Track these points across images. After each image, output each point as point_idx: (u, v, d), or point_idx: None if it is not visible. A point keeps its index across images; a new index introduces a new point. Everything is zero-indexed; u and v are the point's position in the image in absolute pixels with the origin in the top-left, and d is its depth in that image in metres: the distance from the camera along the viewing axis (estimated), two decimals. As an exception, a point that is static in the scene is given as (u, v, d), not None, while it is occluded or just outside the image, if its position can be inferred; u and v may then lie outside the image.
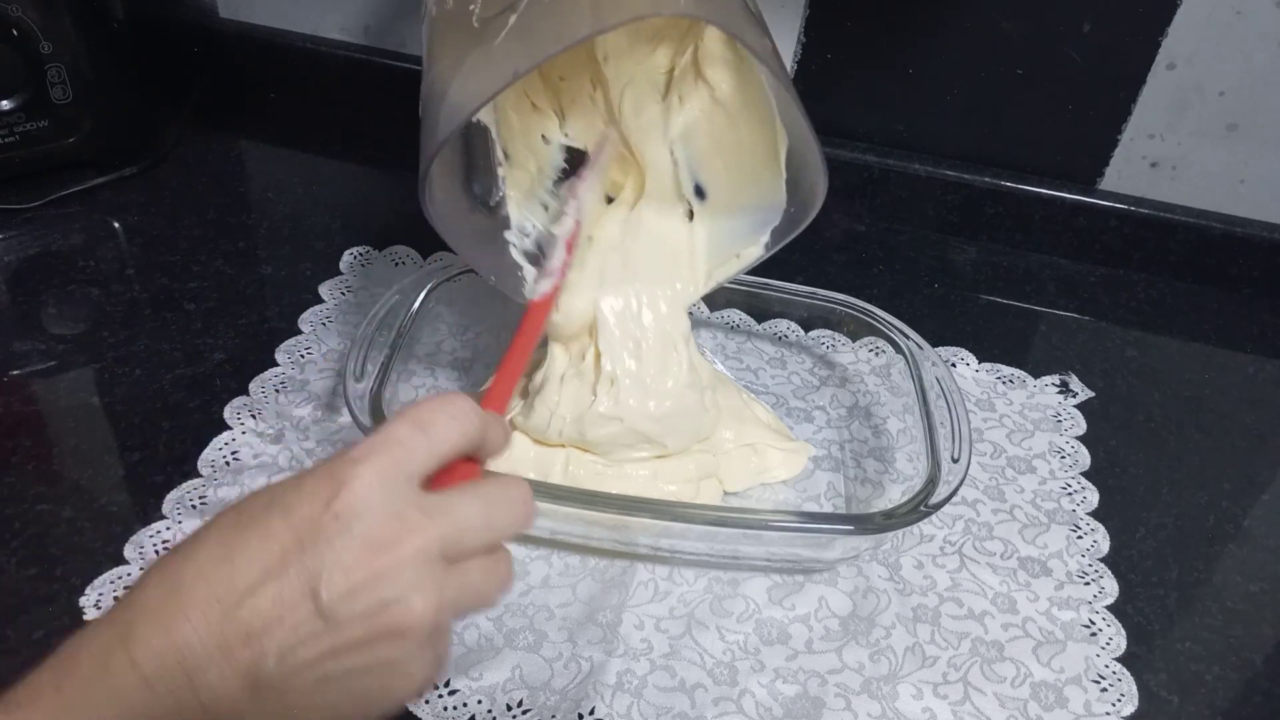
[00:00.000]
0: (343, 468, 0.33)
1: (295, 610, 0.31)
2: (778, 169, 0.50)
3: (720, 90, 0.49)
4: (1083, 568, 0.52)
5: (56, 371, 0.59)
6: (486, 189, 0.51)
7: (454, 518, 0.34)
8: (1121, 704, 0.46)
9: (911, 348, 0.55)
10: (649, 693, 0.45)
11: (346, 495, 0.32)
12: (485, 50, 0.41)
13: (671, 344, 0.51)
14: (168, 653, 0.30)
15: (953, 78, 0.72)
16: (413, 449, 0.34)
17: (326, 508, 0.32)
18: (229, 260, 0.69)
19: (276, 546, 0.32)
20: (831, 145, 0.76)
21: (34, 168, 0.73)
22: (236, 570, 0.31)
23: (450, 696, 0.44)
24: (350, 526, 0.32)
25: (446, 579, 0.33)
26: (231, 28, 0.86)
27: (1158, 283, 0.75)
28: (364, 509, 0.32)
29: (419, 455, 0.34)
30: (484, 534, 0.35)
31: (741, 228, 0.52)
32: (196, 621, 0.31)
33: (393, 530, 0.32)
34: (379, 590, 0.32)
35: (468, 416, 0.36)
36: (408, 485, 0.33)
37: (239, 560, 0.31)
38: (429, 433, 0.34)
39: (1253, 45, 0.66)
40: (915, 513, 0.46)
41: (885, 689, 0.45)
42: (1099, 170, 0.74)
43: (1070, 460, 0.58)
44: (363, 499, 0.32)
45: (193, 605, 0.31)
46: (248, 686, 0.31)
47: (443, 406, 0.35)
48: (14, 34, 0.67)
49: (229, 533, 0.32)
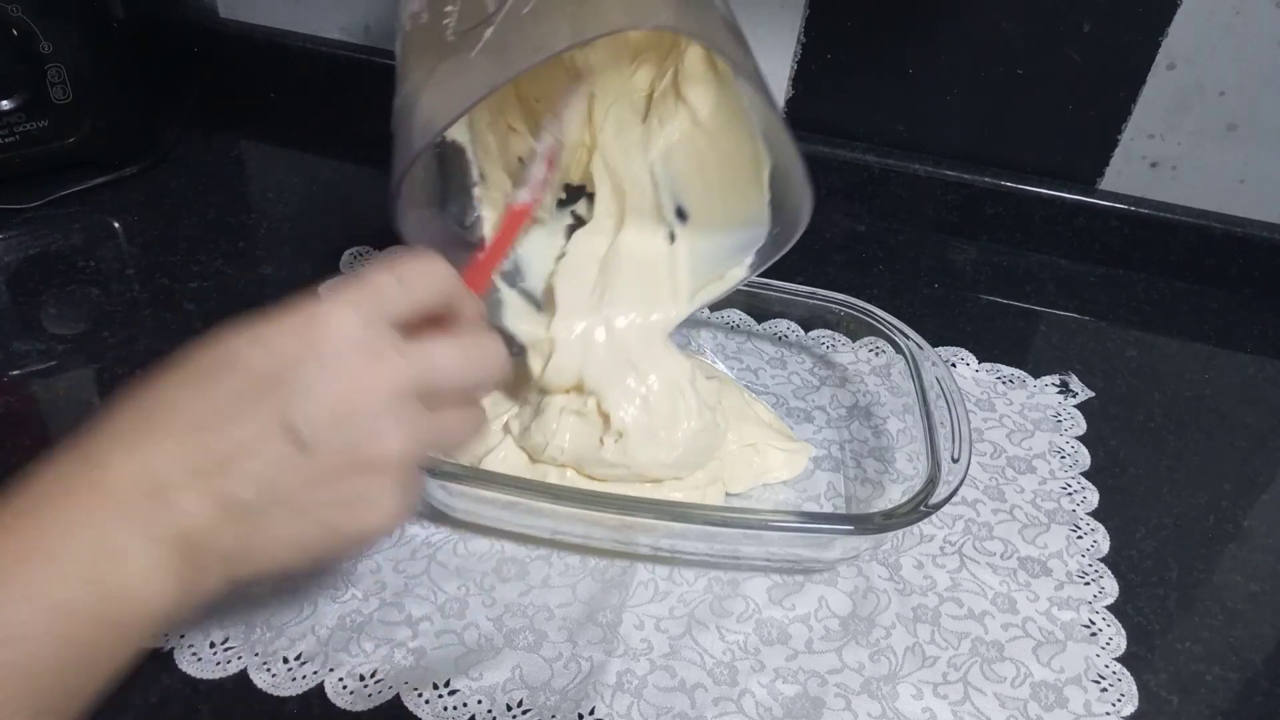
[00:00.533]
0: (315, 306, 0.33)
1: (273, 440, 0.31)
2: (760, 189, 0.50)
3: (701, 111, 0.49)
4: (1083, 568, 0.52)
5: (56, 371, 0.59)
6: (462, 209, 0.51)
7: (429, 361, 0.34)
8: (1121, 704, 0.46)
9: (911, 348, 0.55)
10: (649, 693, 0.45)
11: (325, 332, 0.33)
12: (460, 64, 0.41)
13: (678, 390, 0.51)
14: (139, 474, 0.30)
15: (953, 78, 0.72)
16: (391, 295, 0.34)
17: (306, 345, 0.33)
18: (229, 260, 0.69)
19: (255, 379, 0.32)
20: (831, 145, 0.76)
21: (34, 168, 0.73)
22: (213, 400, 0.32)
23: (450, 696, 0.44)
24: (330, 363, 0.32)
25: (420, 420, 0.34)
26: (231, 28, 0.85)
27: (1158, 283, 0.75)
28: (343, 346, 0.33)
29: (397, 301, 0.35)
30: (458, 379, 0.36)
31: (725, 248, 0.52)
32: (170, 447, 0.31)
33: (371, 368, 0.33)
34: (356, 424, 0.32)
35: (443, 273, 0.37)
36: (385, 327, 0.34)
37: (216, 391, 0.32)
38: (406, 282, 0.35)
39: (1253, 45, 0.66)
40: (915, 513, 0.46)
41: (885, 689, 0.46)
42: (1099, 170, 0.74)
43: (1070, 460, 0.58)
44: (342, 336, 0.33)
45: (166, 432, 0.31)
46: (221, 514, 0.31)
47: (420, 261, 0.36)
48: (14, 34, 0.67)
49: (204, 365, 0.33)
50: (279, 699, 0.43)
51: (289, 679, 0.44)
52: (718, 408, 0.53)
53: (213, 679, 0.44)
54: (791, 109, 0.77)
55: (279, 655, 0.45)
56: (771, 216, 0.51)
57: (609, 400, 0.50)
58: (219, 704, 0.43)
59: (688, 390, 0.51)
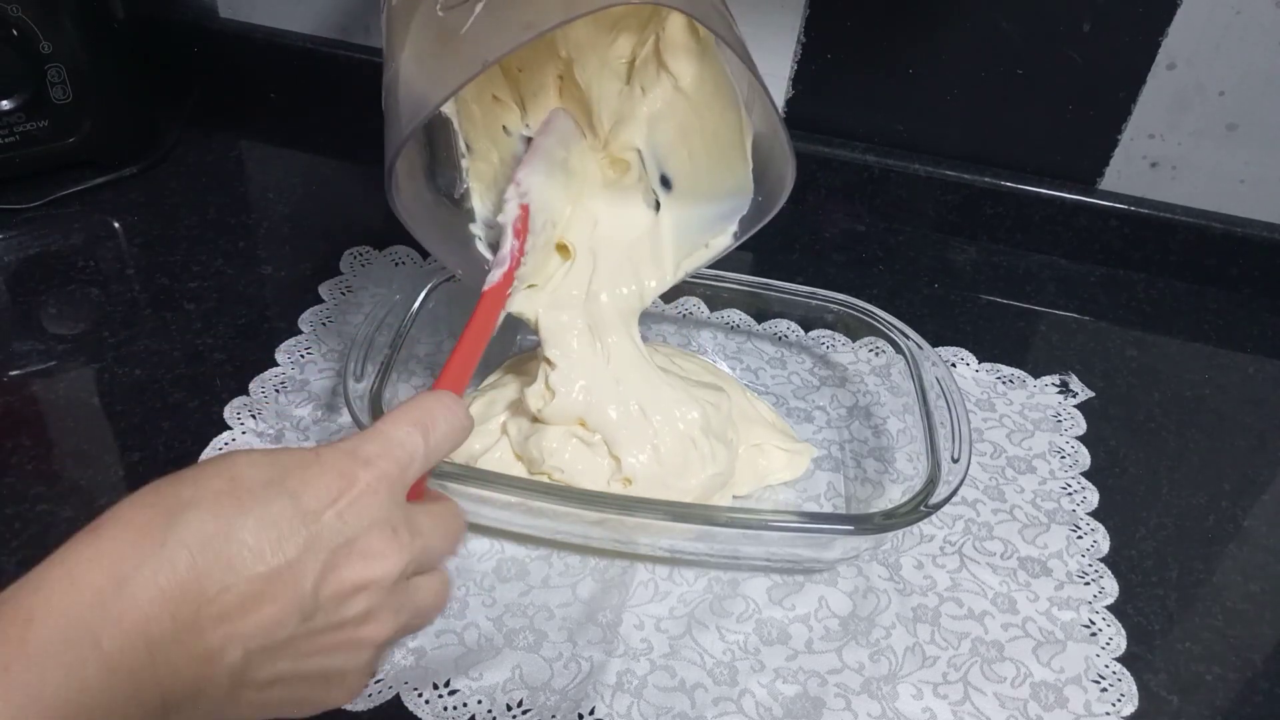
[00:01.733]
0: (353, 468, 0.33)
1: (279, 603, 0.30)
2: (744, 157, 0.50)
3: (683, 80, 0.49)
4: (1083, 568, 0.52)
5: (56, 371, 0.59)
6: (450, 182, 0.51)
7: (424, 539, 0.34)
8: (1121, 704, 0.46)
9: (911, 348, 0.55)
10: (649, 693, 0.45)
11: (353, 498, 0.32)
12: (450, 40, 0.41)
13: (690, 441, 0.50)
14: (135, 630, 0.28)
15: (953, 78, 0.72)
16: (413, 456, 0.34)
17: (332, 505, 0.32)
18: (229, 260, 0.69)
19: (275, 535, 0.31)
20: (831, 145, 0.76)
21: (34, 168, 0.73)
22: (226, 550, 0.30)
23: (450, 696, 0.44)
24: (354, 533, 0.32)
25: (405, 601, 0.34)
26: (231, 28, 0.85)
27: (1158, 283, 0.75)
28: (367, 518, 0.32)
29: (416, 464, 0.34)
30: (438, 556, 0.36)
31: (709, 217, 0.52)
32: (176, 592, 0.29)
33: (385, 545, 0.33)
34: (358, 603, 0.32)
35: (462, 423, 0.37)
36: (401, 496, 0.34)
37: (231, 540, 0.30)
38: (429, 438, 0.35)
39: (1253, 45, 0.66)
40: (915, 513, 0.46)
41: (885, 689, 0.45)
42: (1099, 170, 0.74)
43: (1070, 460, 0.58)
44: (368, 507, 0.32)
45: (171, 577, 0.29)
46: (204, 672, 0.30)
47: (442, 410, 0.36)
48: (14, 34, 0.67)
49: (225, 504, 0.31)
50: (279, 699, 0.43)
51: (289, 679, 0.44)
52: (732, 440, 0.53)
53: (213, 679, 0.44)
54: (791, 109, 0.77)
55: (279, 655, 0.45)
56: (755, 185, 0.51)
57: (618, 447, 0.50)
58: (219, 704, 0.43)
59: (700, 440, 0.51)
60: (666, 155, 0.51)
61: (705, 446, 0.50)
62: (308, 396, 0.58)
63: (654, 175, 0.52)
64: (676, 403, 0.51)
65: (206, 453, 0.54)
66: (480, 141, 0.52)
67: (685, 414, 0.51)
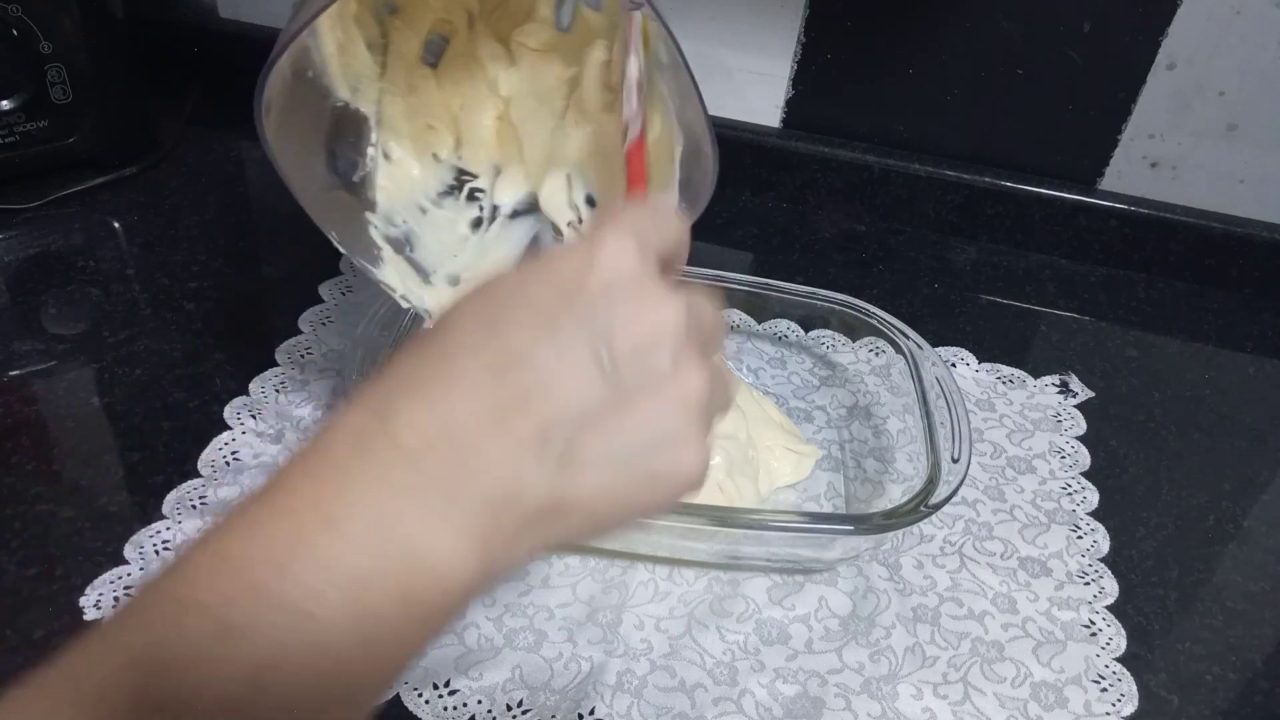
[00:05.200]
0: (590, 239, 0.31)
1: (576, 372, 0.28)
2: (672, 168, 0.49)
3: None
4: (1083, 568, 0.52)
5: (56, 371, 0.59)
6: (350, 165, 0.51)
7: (694, 303, 0.32)
8: (1121, 704, 0.46)
9: (911, 348, 0.55)
10: (649, 693, 0.45)
11: (607, 259, 0.30)
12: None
13: (717, 487, 0.50)
14: (432, 428, 0.27)
15: (953, 78, 0.72)
16: (647, 229, 0.32)
17: (591, 271, 0.30)
18: (229, 260, 0.69)
19: (543, 313, 0.29)
20: (831, 145, 0.76)
21: (34, 168, 0.73)
22: (503, 336, 0.29)
23: (450, 696, 0.44)
24: (621, 289, 0.30)
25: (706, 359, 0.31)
26: (231, 28, 0.86)
27: (1158, 283, 0.75)
28: (628, 273, 0.30)
29: (653, 237, 0.32)
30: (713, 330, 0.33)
31: None
32: (465, 391, 0.28)
33: (660, 297, 0.30)
34: (658, 354, 0.30)
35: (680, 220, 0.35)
36: (653, 261, 0.32)
37: (505, 326, 0.29)
38: (658, 219, 0.33)
39: (1253, 45, 0.66)
40: (915, 513, 0.46)
41: (885, 689, 0.45)
42: (1099, 170, 0.74)
43: (1070, 460, 0.58)
44: (624, 267, 0.30)
45: (459, 374, 0.28)
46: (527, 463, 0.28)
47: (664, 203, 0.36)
48: (14, 34, 0.67)
49: (485, 306, 0.30)
50: (279, 699, 0.43)
51: (289, 679, 0.44)
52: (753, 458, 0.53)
53: (213, 679, 0.44)
54: (791, 109, 0.77)
55: (279, 655, 0.45)
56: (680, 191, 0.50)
57: None
58: (219, 704, 0.43)
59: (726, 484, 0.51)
60: (593, 177, 0.52)
61: (731, 488, 0.51)
62: (308, 396, 0.58)
63: (579, 194, 0.52)
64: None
65: (206, 453, 0.54)
66: (404, 154, 0.52)
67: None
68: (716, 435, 0.51)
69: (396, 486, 0.26)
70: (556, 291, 0.29)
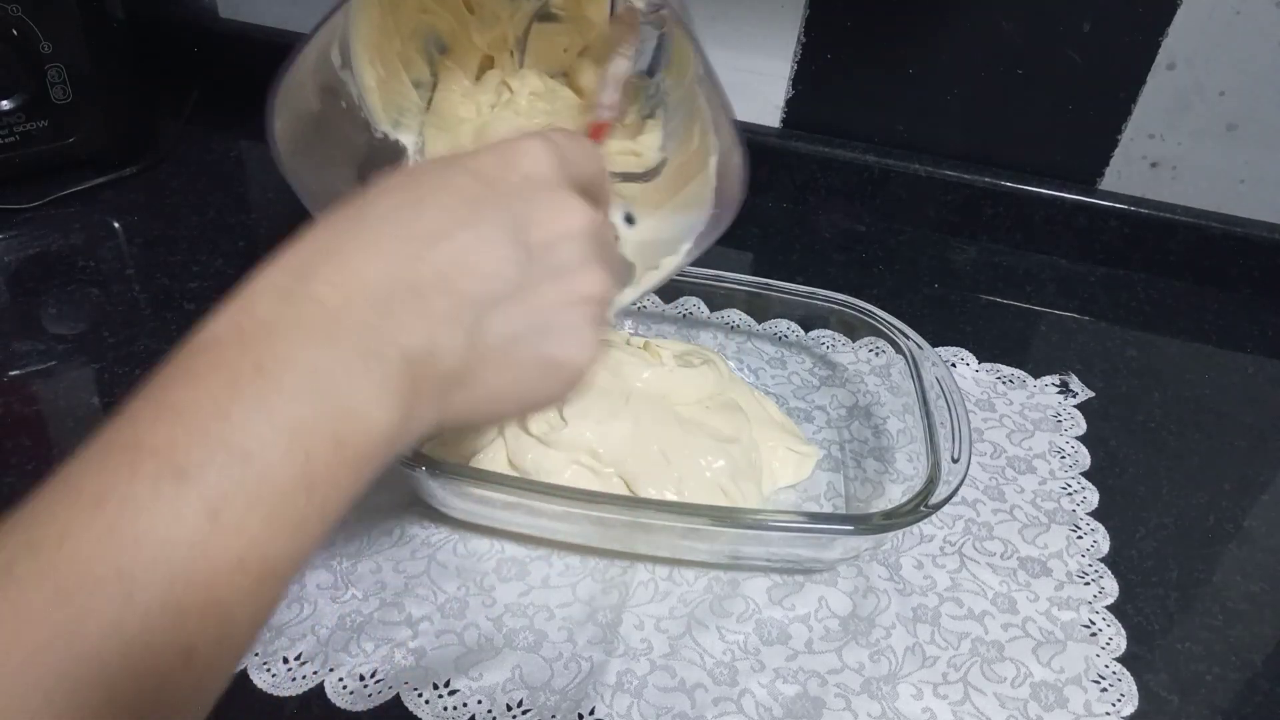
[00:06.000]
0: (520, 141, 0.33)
1: (491, 256, 0.31)
2: (708, 178, 0.50)
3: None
4: (1083, 568, 0.52)
5: (56, 371, 0.59)
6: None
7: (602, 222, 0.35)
8: (1121, 704, 0.46)
9: (911, 348, 0.55)
10: (649, 693, 0.45)
11: (528, 161, 0.33)
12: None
13: (720, 490, 0.50)
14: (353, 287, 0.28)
15: (953, 78, 0.72)
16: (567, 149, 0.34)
17: (513, 170, 0.32)
18: (229, 260, 0.69)
19: (467, 197, 0.31)
20: (831, 145, 0.76)
21: (34, 168, 0.73)
22: (427, 215, 0.30)
23: (450, 696, 0.44)
24: (537, 188, 0.32)
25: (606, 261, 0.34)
26: (231, 28, 0.86)
27: (1158, 283, 0.75)
28: (547, 177, 0.33)
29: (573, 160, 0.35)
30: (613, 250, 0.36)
31: (663, 240, 0.52)
32: (386, 259, 0.29)
33: (574, 203, 0.33)
34: (567, 251, 0.32)
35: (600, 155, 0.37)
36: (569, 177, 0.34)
37: (429, 206, 0.30)
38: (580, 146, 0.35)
39: (1253, 45, 0.66)
40: (915, 513, 0.46)
41: (885, 689, 0.45)
42: (1099, 170, 0.74)
43: (1070, 460, 0.58)
44: (545, 167, 0.33)
45: (379, 243, 0.29)
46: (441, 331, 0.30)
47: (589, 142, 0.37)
48: (14, 34, 0.67)
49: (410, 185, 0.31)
50: (279, 699, 0.43)
51: (289, 679, 0.44)
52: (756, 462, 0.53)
53: (213, 679, 0.44)
54: (791, 109, 0.77)
55: (279, 655, 0.45)
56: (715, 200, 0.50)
57: (640, 486, 0.49)
58: (219, 704, 0.43)
59: (729, 487, 0.51)
60: (634, 197, 0.52)
61: (734, 492, 0.51)
62: (308, 396, 0.58)
63: (618, 215, 0.52)
64: (701, 451, 0.51)
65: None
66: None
67: (711, 463, 0.51)
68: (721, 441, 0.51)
69: (321, 339, 0.27)
70: (479, 182, 0.31)
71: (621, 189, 0.52)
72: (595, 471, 0.50)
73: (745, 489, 0.51)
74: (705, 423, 0.53)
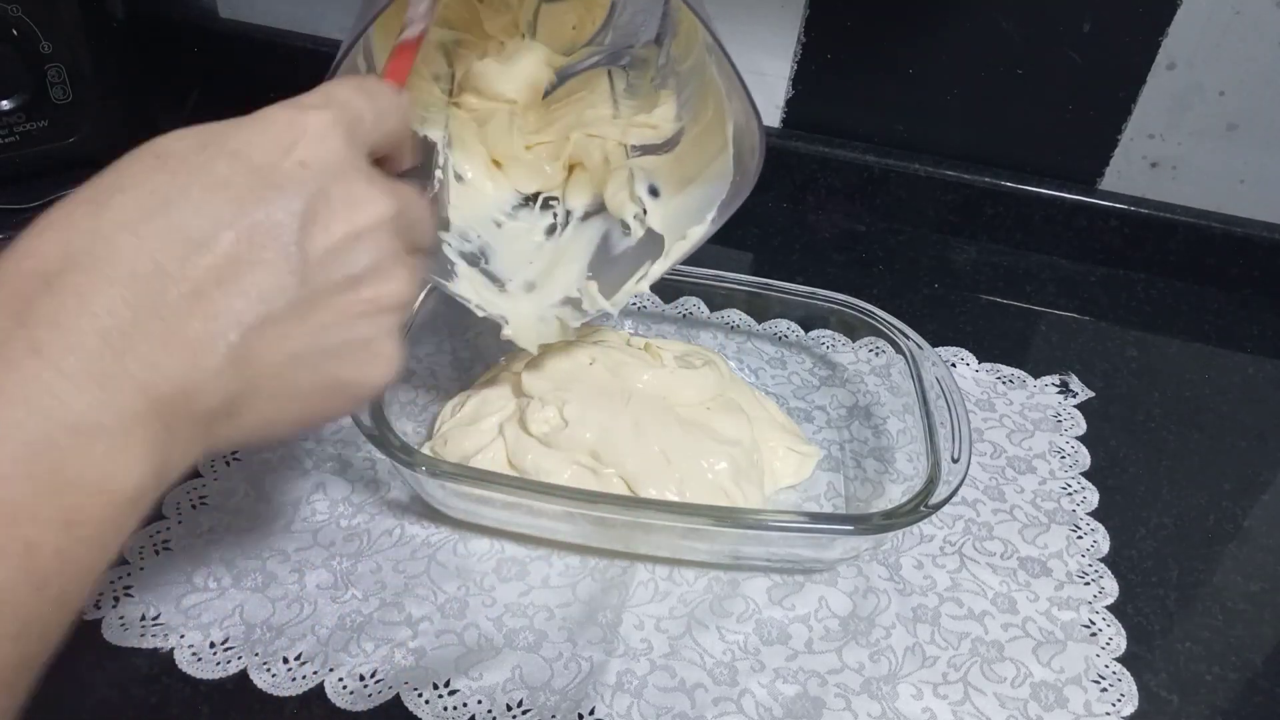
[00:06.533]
0: (298, 115, 0.28)
1: (261, 266, 0.25)
2: (726, 146, 0.50)
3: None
4: (1083, 568, 0.52)
5: (56, 371, 0.59)
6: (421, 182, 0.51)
7: (405, 199, 0.30)
8: (1121, 704, 0.46)
9: (911, 348, 0.55)
10: (649, 693, 0.45)
11: (311, 144, 0.27)
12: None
13: (722, 492, 0.50)
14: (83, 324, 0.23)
15: (953, 78, 0.72)
16: (360, 112, 0.29)
17: (288, 154, 0.27)
18: (229, 260, 0.69)
19: (229, 194, 0.25)
20: (831, 145, 0.76)
21: (34, 168, 0.73)
22: (176, 220, 0.25)
23: (450, 696, 0.44)
24: (323, 181, 0.27)
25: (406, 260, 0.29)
26: (231, 28, 0.85)
27: (1158, 283, 0.75)
28: (333, 163, 0.27)
29: (366, 121, 0.30)
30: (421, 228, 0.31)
31: (689, 211, 0.52)
32: (123, 280, 0.24)
33: (365, 190, 0.28)
34: (357, 255, 0.27)
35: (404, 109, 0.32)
36: (361, 150, 0.29)
37: (179, 208, 0.25)
38: (376, 102, 0.30)
39: (1253, 45, 0.66)
40: (915, 513, 0.46)
41: (885, 689, 0.45)
42: (1099, 170, 0.74)
43: (1070, 460, 0.58)
44: (330, 152, 0.27)
45: (116, 259, 0.24)
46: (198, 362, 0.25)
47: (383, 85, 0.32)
48: (14, 34, 0.67)
49: (156, 175, 0.26)
50: (279, 699, 0.43)
51: (289, 679, 0.44)
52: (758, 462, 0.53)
53: (213, 679, 0.44)
54: (791, 109, 0.77)
55: (279, 655, 0.45)
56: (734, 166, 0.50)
57: (641, 487, 0.49)
58: (219, 704, 0.43)
59: (731, 489, 0.51)
60: (655, 169, 0.52)
61: (737, 494, 0.51)
62: (308, 396, 0.58)
63: (642, 188, 0.52)
64: (703, 453, 0.51)
65: (206, 453, 0.54)
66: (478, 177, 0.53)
67: (713, 465, 0.51)
68: (722, 443, 0.51)
69: (43, 401, 0.22)
70: (246, 170, 0.26)
71: (642, 163, 0.52)
72: (595, 472, 0.50)
73: (748, 491, 0.51)
74: (707, 424, 0.53)
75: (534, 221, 0.54)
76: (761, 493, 0.53)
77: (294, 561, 0.49)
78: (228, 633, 0.46)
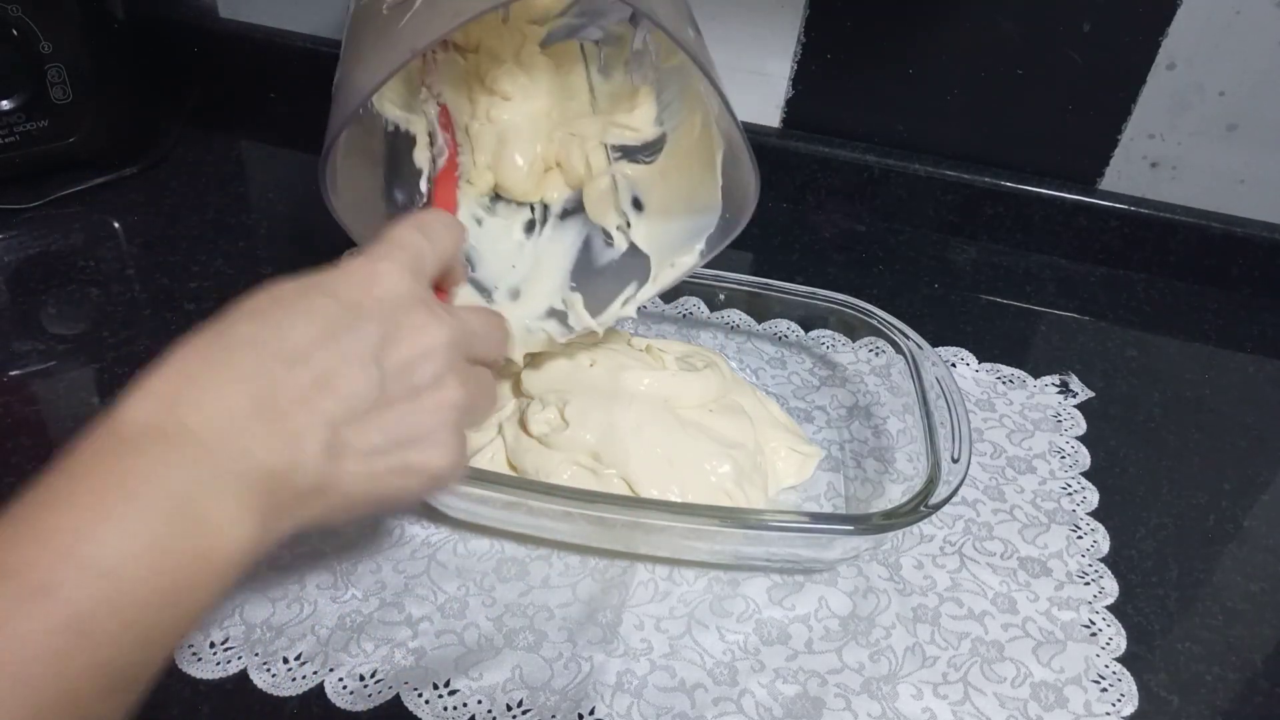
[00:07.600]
0: (371, 264, 0.35)
1: (350, 376, 0.33)
2: (714, 175, 0.50)
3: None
4: (1083, 568, 0.52)
5: (56, 371, 0.59)
6: (410, 196, 0.52)
7: (464, 321, 0.37)
8: (1121, 704, 0.46)
9: (911, 348, 0.55)
10: (649, 693, 0.45)
11: (384, 283, 0.35)
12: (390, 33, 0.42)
13: (725, 494, 0.50)
14: (217, 412, 0.30)
15: (953, 78, 0.72)
16: (421, 250, 0.37)
17: (368, 294, 0.34)
18: (229, 260, 0.69)
19: (324, 321, 0.33)
20: (831, 145, 0.76)
21: (34, 168, 0.73)
22: (286, 337, 0.32)
23: (450, 696, 0.44)
24: (395, 310, 0.34)
25: (467, 373, 0.37)
26: (231, 28, 0.85)
27: (1158, 283, 0.75)
28: (403, 299, 0.35)
29: (427, 257, 0.37)
30: (483, 344, 0.38)
31: (677, 236, 0.53)
32: (248, 383, 0.31)
33: (427, 318, 0.35)
34: (423, 369, 0.35)
35: (455, 225, 0.40)
36: (425, 283, 0.37)
37: (287, 329, 0.32)
38: (430, 236, 0.37)
39: (1253, 45, 0.66)
40: (915, 513, 0.46)
41: (885, 689, 0.45)
42: (1099, 170, 0.74)
43: (1070, 460, 0.58)
44: (399, 290, 0.35)
45: (243, 366, 0.31)
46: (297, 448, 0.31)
47: (436, 214, 0.39)
48: (14, 34, 0.67)
49: (272, 307, 0.33)
50: (279, 699, 0.43)
51: (289, 679, 0.44)
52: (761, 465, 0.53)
53: (213, 679, 0.44)
54: (791, 109, 0.77)
55: (279, 655, 0.45)
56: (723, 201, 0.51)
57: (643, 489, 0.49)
58: (219, 704, 0.43)
59: (734, 491, 0.50)
60: (639, 179, 0.52)
61: (740, 496, 0.51)
62: (308, 396, 0.58)
63: (626, 198, 0.52)
64: (706, 456, 0.51)
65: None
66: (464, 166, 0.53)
67: (716, 468, 0.51)
68: (725, 445, 0.51)
69: (185, 462, 0.29)
70: (338, 306, 0.33)
71: (624, 168, 0.52)
72: (596, 473, 0.50)
73: (751, 494, 0.51)
74: (709, 427, 0.53)
75: (511, 216, 0.54)
76: (765, 496, 0.53)
77: (294, 561, 0.49)
78: (227, 632, 0.46)
